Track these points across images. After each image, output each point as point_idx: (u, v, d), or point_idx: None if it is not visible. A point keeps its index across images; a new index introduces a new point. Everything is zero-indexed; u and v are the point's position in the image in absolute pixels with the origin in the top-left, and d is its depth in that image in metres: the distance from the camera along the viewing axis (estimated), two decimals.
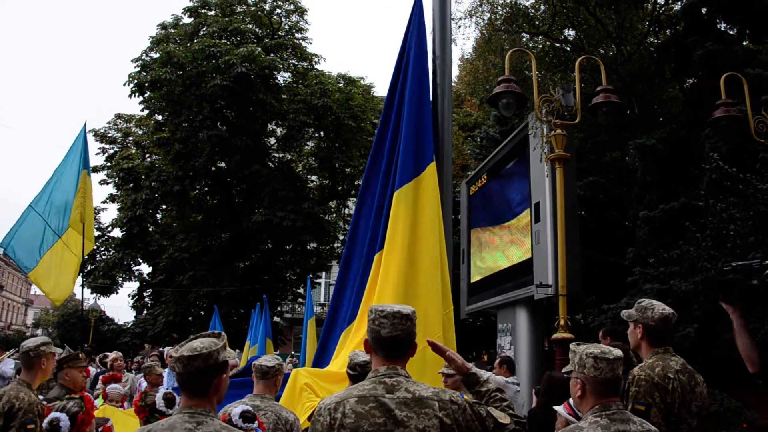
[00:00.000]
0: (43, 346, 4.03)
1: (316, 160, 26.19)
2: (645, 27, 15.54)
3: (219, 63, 21.82)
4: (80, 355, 4.82)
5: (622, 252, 12.74)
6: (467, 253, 14.12)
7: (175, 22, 25.05)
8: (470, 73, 22.05)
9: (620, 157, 15.75)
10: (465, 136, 23.65)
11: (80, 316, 32.80)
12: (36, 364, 3.98)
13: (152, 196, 24.41)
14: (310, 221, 22.77)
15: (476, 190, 13.97)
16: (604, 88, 7.25)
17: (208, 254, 23.85)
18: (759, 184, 8.25)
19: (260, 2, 25.44)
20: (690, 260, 9.27)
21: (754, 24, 12.16)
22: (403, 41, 4.03)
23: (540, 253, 9.44)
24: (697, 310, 9.74)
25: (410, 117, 3.77)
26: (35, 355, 3.98)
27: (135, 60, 23.46)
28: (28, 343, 4.08)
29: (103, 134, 29.23)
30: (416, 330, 2.38)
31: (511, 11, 14.67)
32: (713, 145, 10.30)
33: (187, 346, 2.24)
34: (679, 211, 10.82)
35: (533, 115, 8.55)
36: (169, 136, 23.94)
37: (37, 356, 3.98)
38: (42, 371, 4.02)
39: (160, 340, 24.70)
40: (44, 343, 4.08)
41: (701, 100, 11.43)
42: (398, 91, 3.97)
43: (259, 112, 23.80)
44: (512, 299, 10.83)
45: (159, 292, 26.19)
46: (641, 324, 3.38)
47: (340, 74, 25.45)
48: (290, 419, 3.66)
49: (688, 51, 11.88)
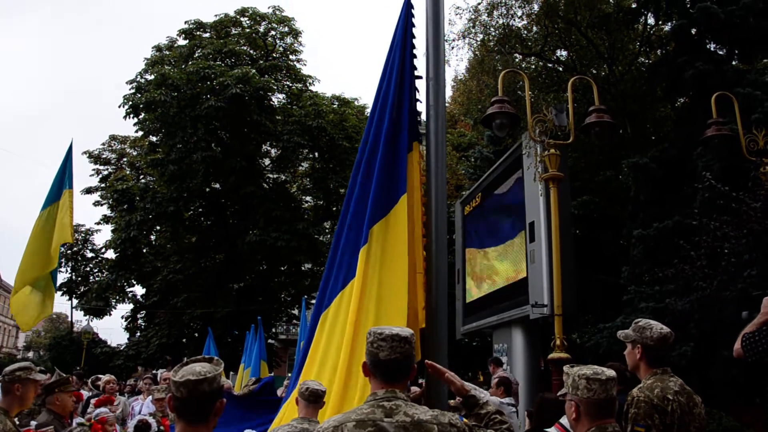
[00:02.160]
0: (19, 371, 3.85)
1: (310, 180, 26.22)
2: (636, 47, 15.73)
3: (213, 84, 21.91)
4: (71, 379, 4.72)
5: (617, 270, 12.75)
6: (462, 273, 14.09)
7: (170, 44, 25.22)
8: (464, 93, 22.23)
9: (614, 175, 15.84)
10: (459, 156, 23.76)
11: (72, 338, 32.54)
12: (11, 390, 3.80)
13: (146, 217, 24.34)
14: (305, 242, 22.73)
15: (471, 210, 13.99)
16: (596, 108, 7.31)
17: (203, 276, 23.74)
18: (752, 203, 8.28)
19: (255, 25, 25.64)
20: (685, 279, 9.28)
21: (742, 44, 12.33)
22: (386, 61, 4.00)
23: (535, 272, 9.42)
24: (693, 329, 9.73)
25: (386, 149, 3.71)
26: (9, 380, 3.81)
27: (130, 82, 23.55)
28: (8, 368, 3.94)
29: (97, 155, 29.22)
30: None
31: (504, 32, 14.83)
32: (705, 163, 10.37)
33: (188, 370, 2.20)
34: (673, 229, 10.85)
35: (527, 135, 8.60)
36: (163, 157, 23.95)
37: (11, 381, 3.81)
38: (18, 398, 3.82)
39: (153, 362, 24.46)
40: (21, 368, 3.89)
41: (693, 119, 11.53)
42: (376, 114, 3.91)
43: (254, 133, 23.86)
44: (508, 319, 10.79)
45: (152, 313, 26.00)
46: (640, 344, 3.36)
47: (335, 95, 25.64)
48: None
49: (678, 71, 12.01)
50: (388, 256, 3.57)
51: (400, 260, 3.54)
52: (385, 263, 3.56)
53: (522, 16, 15.21)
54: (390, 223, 3.63)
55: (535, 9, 14.89)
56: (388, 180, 3.69)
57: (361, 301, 3.45)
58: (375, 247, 3.58)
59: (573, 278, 8.39)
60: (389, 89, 3.86)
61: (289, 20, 25.69)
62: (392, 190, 3.68)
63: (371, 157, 3.82)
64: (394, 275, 3.52)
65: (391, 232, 3.61)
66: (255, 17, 25.50)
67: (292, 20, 25.77)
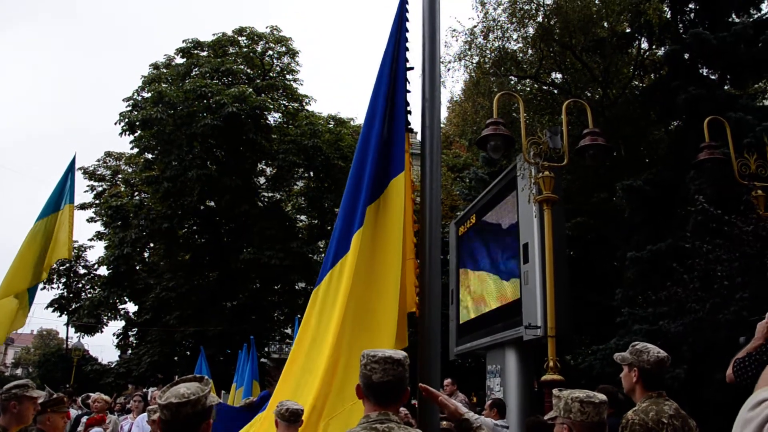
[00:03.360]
0: (15, 389, 3.86)
1: (305, 199, 26.22)
2: (630, 71, 15.89)
3: (210, 103, 21.99)
4: (64, 400, 4.68)
5: (611, 292, 12.76)
6: (456, 293, 14.08)
7: (167, 62, 25.32)
8: (459, 114, 22.34)
9: (608, 197, 15.90)
10: (454, 177, 23.84)
11: (62, 355, 32.22)
12: (8, 407, 3.81)
13: (140, 234, 24.26)
14: (299, 261, 22.67)
15: (465, 231, 14.01)
16: (590, 131, 7.37)
17: (196, 293, 23.61)
18: (744, 226, 8.33)
19: (252, 44, 25.80)
20: (678, 301, 9.29)
21: (734, 69, 12.50)
22: (383, 56, 4.04)
23: (529, 293, 9.43)
24: (687, 352, 9.72)
25: (380, 130, 3.77)
26: (6, 398, 3.81)
27: (126, 99, 23.61)
28: (6, 386, 3.93)
29: (92, 172, 29.18)
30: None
31: (500, 55, 14.94)
32: (698, 186, 10.44)
33: (173, 392, 2.20)
34: (667, 252, 10.88)
35: (521, 157, 8.65)
36: (158, 174, 23.94)
37: (8, 399, 3.81)
38: (15, 415, 3.82)
39: (144, 380, 24.22)
40: (17, 386, 3.90)
41: (686, 143, 11.63)
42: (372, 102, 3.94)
43: (249, 151, 23.90)
44: (501, 340, 10.77)
45: (144, 331, 25.80)
46: (636, 367, 3.36)
47: (331, 115, 25.74)
48: None
49: (672, 95, 12.13)
50: (381, 236, 3.60)
51: (394, 240, 3.56)
52: (378, 243, 3.59)
53: (517, 39, 15.34)
54: (384, 203, 3.67)
55: (531, 32, 15.02)
56: (383, 161, 3.74)
57: (353, 281, 3.44)
58: (367, 227, 3.59)
59: (566, 300, 8.40)
60: (381, 80, 3.91)
61: (286, 40, 25.87)
62: (387, 171, 3.73)
63: (366, 142, 3.87)
64: (387, 256, 3.55)
65: (386, 212, 3.65)
66: (252, 37, 25.66)
67: (290, 40, 25.96)
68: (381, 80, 3.90)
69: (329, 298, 3.55)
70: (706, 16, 12.95)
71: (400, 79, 3.88)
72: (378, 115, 3.82)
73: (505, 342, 10.62)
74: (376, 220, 3.63)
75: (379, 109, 3.84)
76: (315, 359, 3.38)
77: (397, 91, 3.86)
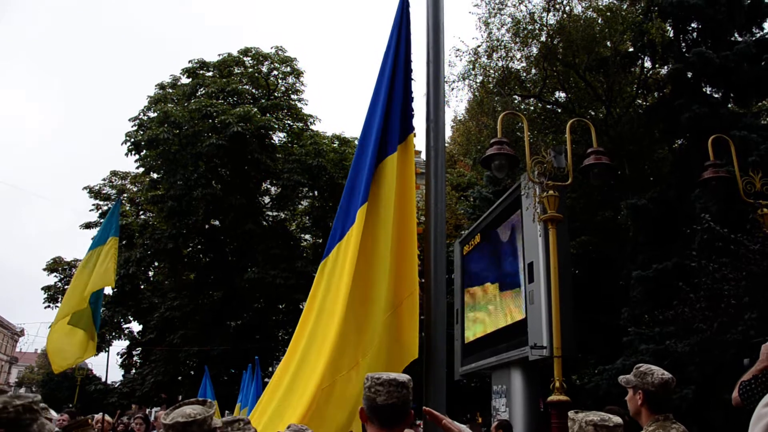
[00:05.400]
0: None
1: (309, 219, 26.24)
2: (633, 90, 15.95)
3: (215, 122, 22.10)
4: (89, 422, 4.64)
5: (617, 311, 12.69)
6: (461, 313, 14.01)
7: (173, 82, 25.52)
8: (463, 134, 22.43)
9: (612, 216, 15.89)
10: (458, 196, 23.86)
11: (66, 374, 32.06)
12: None
13: (145, 253, 24.27)
14: (303, 280, 22.61)
15: (470, 250, 13.99)
16: (595, 149, 7.38)
17: (200, 313, 23.56)
18: (750, 245, 8.30)
19: (257, 64, 26.00)
20: (685, 321, 9.23)
21: (737, 88, 12.53)
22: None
23: (534, 313, 9.38)
24: (694, 372, 9.64)
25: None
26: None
27: (132, 119, 23.76)
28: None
29: (97, 191, 29.27)
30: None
31: (503, 74, 15.04)
32: (703, 205, 10.42)
33: (178, 413, 2.19)
34: (672, 271, 10.84)
35: (526, 176, 8.66)
36: (163, 193, 24.01)
37: None
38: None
39: (148, 400, 24.09)
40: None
41: (690, 161, 11.63)
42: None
43: (254, 171, 23.98)
44: (507, 360, 10.69)
45: (148, 350, 25.72)
46: (641, 390, 3.32)
47: (335, 135, 25.83)
48: None
49: (675, 113, 12.16)
50: (382, 211, 3.70)
51: (385, 218, 3.66)
52: (380, 219, 3.69)
53: (521, 58, 15.46)
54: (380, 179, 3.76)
55: (534, 52, 15.14)
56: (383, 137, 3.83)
57: (357, 257, 3.51)
58: (371, 203, 3.69)
59: (572, 319, 8.35)
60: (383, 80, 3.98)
61: (291, 60, 26.07)
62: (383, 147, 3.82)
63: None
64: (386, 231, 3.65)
65: (385, 187, 3.74)
66: (258, 57, 25.87)
67: (294, 60, 26.16)
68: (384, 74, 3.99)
69: (336, 270, 3.63)
70: (709, 35, 13.02)
71: (399, 69, 3.95)
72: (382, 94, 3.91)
73: (511, 362, 10.54)
74: (378, 197, 3.73)
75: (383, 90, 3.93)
76: (325, 327, 3.44)
77: (397, 76, 3.94)
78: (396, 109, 3.87)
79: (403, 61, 3.94)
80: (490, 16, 15.03)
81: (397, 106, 3.87)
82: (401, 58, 3.94)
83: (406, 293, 3.61)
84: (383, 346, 3.44)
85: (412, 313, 3.58)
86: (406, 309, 3.59)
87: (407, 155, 3.84)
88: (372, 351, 3.38)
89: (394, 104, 3.87)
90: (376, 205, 3.70)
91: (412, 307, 3.59)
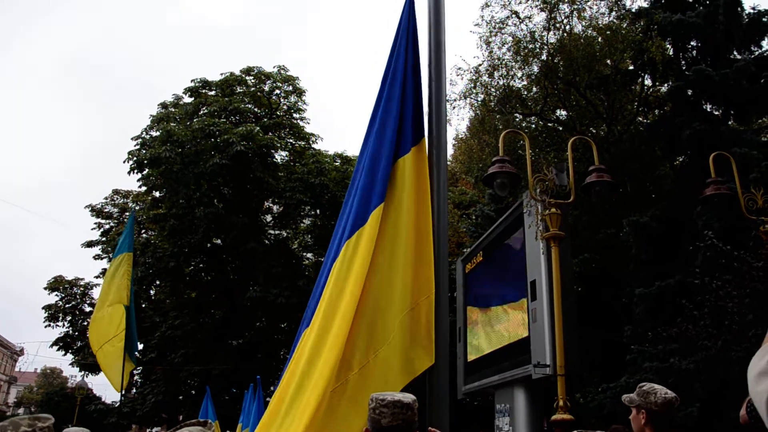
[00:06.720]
0: None
1: (311, 237, 26.24)
2: (634, 108, 16.03)
3: (218, 141, 22.19)
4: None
5: (620, 329, 12.63)
6: (463, 331, 13.94)
7: (175, 101, 25.68)
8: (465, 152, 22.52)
9: (615, 233, 15.88)
10: (460, 214, 23.85)
11: (66, 394, 31.89)
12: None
13: (147, 272, 24.25)
14: (306, 299, 22.27)
15: (472, 268, 13.94)
16: (596, 167, 7.39)
17: (201, 331, 23.48)
18: (753, 262, 8.29)
19: (260, 83, 26.18)
20: (689, 338, 9.19)
21: (737, 105, 12.59)
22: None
23: (537, 331, 9.32)
24: (699, 389, 9.57)
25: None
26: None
27: (135, 138, 23.88)
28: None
29: (99, 209, 29.33)
30: None
31: (505, 93, 15.14)
32: (705, 222, 10.42)
33: None
34: (675, 288, 10.80)
35: (528, 194, 8.66)
36: (165, 212, 24.05)
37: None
38: None
39: (148, 420, 23.91)
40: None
41: (692, 178, 11.64)
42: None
43: (256, 189, 24.04)
44: (510, 378, 10.61)
45: (149, 369, 25.59)
46: (644, 409, 3.30)
47: (337, 153, 25.94)
48: None
49: (676, 131, 12.20)
50: (398, 213, 3.69)
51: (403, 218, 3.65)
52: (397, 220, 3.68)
53: (522, 77, 15.56)
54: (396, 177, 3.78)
55: (535, 70, 15.24)
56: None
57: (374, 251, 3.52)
58: (387, 204, 3.69)
59: (575, 337, 8.30)
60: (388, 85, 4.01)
61: (293, 79, 26.25)
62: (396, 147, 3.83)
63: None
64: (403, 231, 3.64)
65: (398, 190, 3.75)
66: (260, 76, 26.06)
67: (296, 79, 26.35)
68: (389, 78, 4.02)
69: (343, 268, 3.63)
70: (708, 53, 13.11)
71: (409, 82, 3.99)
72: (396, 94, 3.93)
73: (514, 380, 10.45)
74: (392, 197, 3.74)
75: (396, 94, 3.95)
76: (333, 327, 3.41)
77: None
78: (408, 113, 3.91)
79: (412, 66, 3.98)
80: (491, 35, 15.18)
81: (408, 110, 3.90)
82: (410, 64, 3.98)
83: (422, 296, 3.61)
84: (397, 344, 3.43)
85: (429, 316, 3.57)
86: (422, 310, 3.57)
87: (421, 157, 3.85)
88: (385, 348, 3.38)
89: (405, 109, 3.91)
90: (391, 205, 3.71)
91: (429, 310, 3.58)
